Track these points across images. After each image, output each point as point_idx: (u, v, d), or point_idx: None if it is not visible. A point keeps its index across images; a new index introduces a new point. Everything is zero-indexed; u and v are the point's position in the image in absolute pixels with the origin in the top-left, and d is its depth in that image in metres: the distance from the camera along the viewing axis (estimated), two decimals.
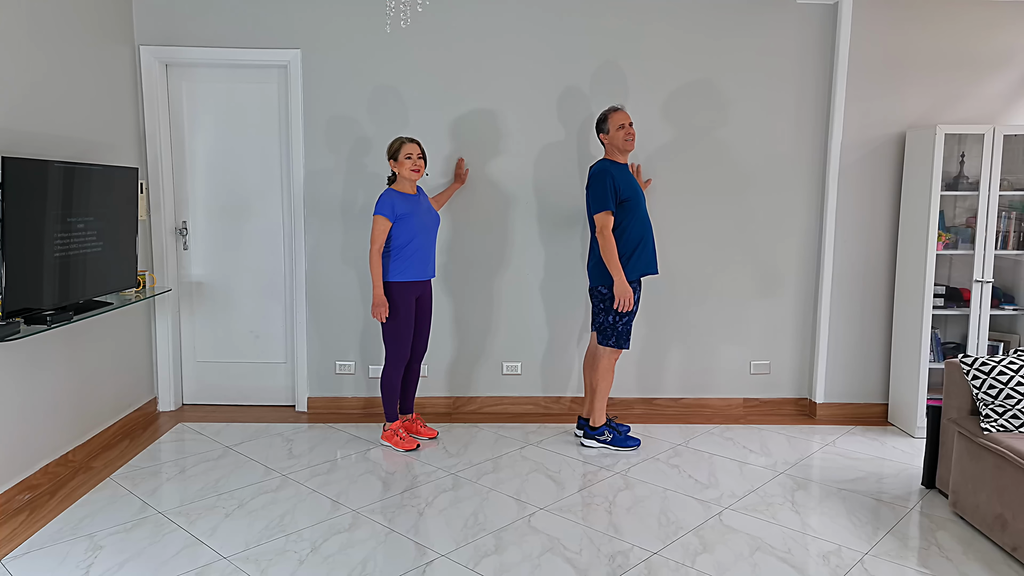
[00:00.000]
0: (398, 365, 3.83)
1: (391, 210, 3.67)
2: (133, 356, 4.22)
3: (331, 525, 3.00)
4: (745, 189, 4.38)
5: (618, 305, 3.67)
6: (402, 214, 3.69)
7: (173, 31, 4.21)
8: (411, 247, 3.72)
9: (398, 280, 3.73)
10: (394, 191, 3.73)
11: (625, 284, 3.65)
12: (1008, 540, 2.78)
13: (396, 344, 3.80)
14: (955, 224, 4.29)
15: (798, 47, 4.30)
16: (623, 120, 3.73)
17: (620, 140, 3.73)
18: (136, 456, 3.76)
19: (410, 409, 4.06)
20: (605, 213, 3.65)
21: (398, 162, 3.72)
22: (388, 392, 3.86)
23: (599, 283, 3.77)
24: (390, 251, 3.73)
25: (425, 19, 4.18)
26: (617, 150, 3.76)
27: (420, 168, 3.73)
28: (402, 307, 3.75)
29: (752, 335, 4.50)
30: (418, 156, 3.73)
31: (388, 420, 3.91)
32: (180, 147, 4.38)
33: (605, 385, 3.85)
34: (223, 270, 4.48)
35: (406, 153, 3.72)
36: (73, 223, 3.31)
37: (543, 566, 2.70)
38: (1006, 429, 2.96)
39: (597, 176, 3.69)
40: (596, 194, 3.66)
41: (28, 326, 3.07)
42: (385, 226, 3.67)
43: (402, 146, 3.72)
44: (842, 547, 2.87)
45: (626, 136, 3.73)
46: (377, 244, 3.67)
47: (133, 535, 2.91)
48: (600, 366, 3.84)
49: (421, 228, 3.75)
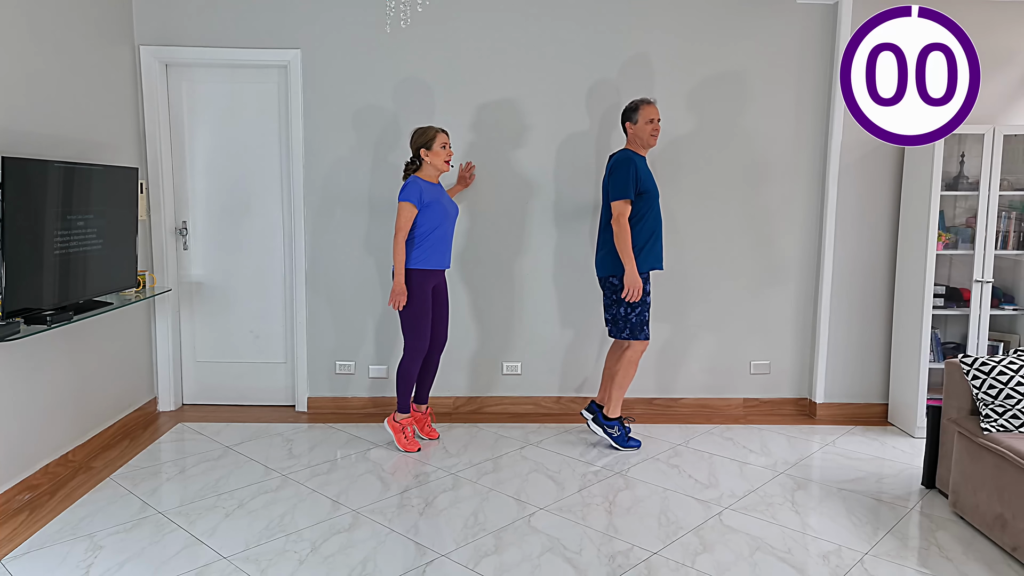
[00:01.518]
0: (416, 357, 3.79)
1: (418, 197, 3.64)
2: (133, 356, 4.22)
3: (331, 525, 3.00)
4: (745, 189, 4.38)
5: (626, 295, 3.66)
6: (429, 202, 3.66)
7: (173, 31, 4.21)
8: (435, 235, 3.70)
9: (419, 267, 3.70)
10: (420, 179, 3.70)
11: (635, 274, 3.64)
12: (1008, 540, 2.78)
13: (415, 334, 3.75)
14: (955, 224, 4.29)
15: (798, 47, 4.30)
16: (653, 115, 3.73)
17: (646, 134, 3.73)
18: (136, 456, 3.76)
19: (425, 399, 4.03)
20: (624, 201, 3.64)
21: (431, 151, 3.69)
22: (404, 383, 3.81)
23: (610, 273, 3.77)
24: (413, 238, 3.69)
25: (426, 19, 4.18)
26: (640, 143, 3.76)
27: (451, 158, 3.75)
28: (421, 296, 3.72)
29: (752, 335, 4.50)
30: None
31: (399, 411, 3.87)
32: (180, 147, 4.38)
33: (625, 376, 3.82)
34: (223, 270, 4.48)
35: (442, 142, 3.70)
36: (73, 220, 3.31)
37: (543, 566, 2.70)
38: (1006, 429, 2.96)
39: (621, 164, 3.68)
40: (619, 181, 3.65)
41: (28, 326, 3.07)
42: (411, 213, 3.64)
43: (437, 135, 3.70)
44: (842, 547, 2.87)
45: (652, 131, 3.74)
46: (403, 232, 3.64)
47: (133, 535, 2.91)
48: (625, 357, 3.81)
49: (444, 217, 3.73)
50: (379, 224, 4.34)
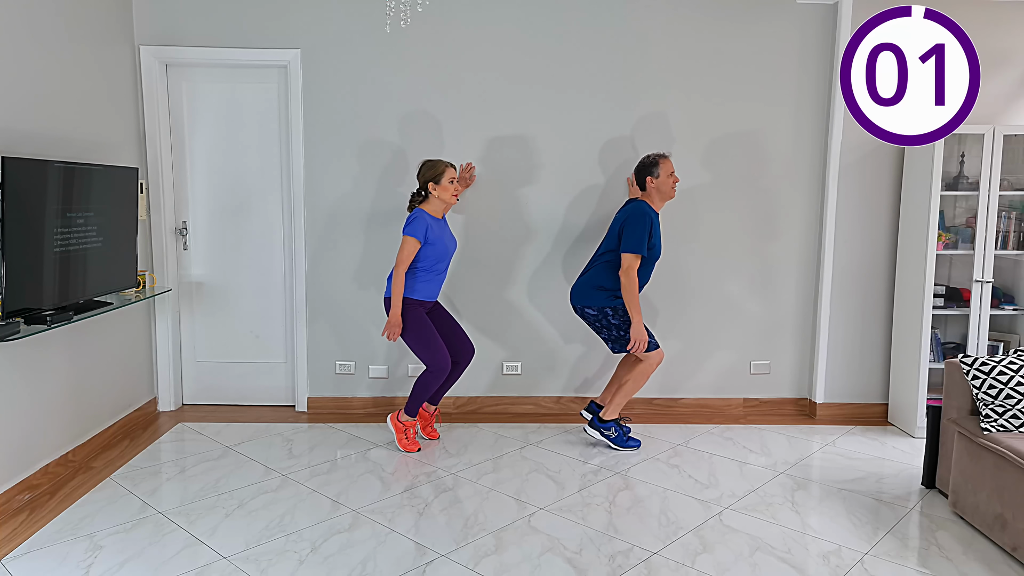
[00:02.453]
0: (440, 373, 3.73)
1: (423, 233, 3.63)
2: (133, 356, 4.22)
3: (331, 525, 3.00)
4: (745, 189, 4.38)
5: (633, 347, 3.69)
6: (433, 239, 3.67)
7: (173, 31, 4.21)
8: (433, 271, 3.72)
9: (412, 297, 3.71)
10: (426, 213, 3.70)
11: (642, 327, 3.69)
12: (1008, 540, 2.78)
13: (430, 351, 3.71)
14: (955, 224, 4.29)
15: (798, 47, 4.30)
16: (671, 169, 3.80)
17: (668, 187, 3.79)
18: (136, 456, 3.76)
19: (437, 400, 4.03)
20: (636, 256, 3.68)
21: (440, 185, 3.68)
22: (420, 392, 3.77)
23: (584, 304, 3.81)
24: (412, 271, 3.70)
25: (425, 20, 4.17)
26: (661, 197, 3.81)
27: (459, 193, 3.75)
28: (415, 316, 3.71)
29: (752, 335, 4.50)
30: (458, 180, 3.74)
31: (406, 412, 3.85)
32: (180, 147, 4.38)
33: (634, 385, 3.83)
34: (223, 270, 4.48)
35: (450, 177, 3.70)
36: (73, 218, 3.31)
37: (543, 566, 2.70)
38: (1006, 429, 2.96)
39: (641, 217, 3.69)
40: (635, 234, 3.67)
41: (28, 326, 3.07)
42: (415, 248, 3.63)
43: (446, 170, 3.69)
44: (842, 547, 2.87)
45: (674, 184, 3.80)
46: (404, 265, 3.62)
47: (133, 535, 2.91)
48: (638, 368, 3.80)
49: (445, 254, 3.75)
50: (379, 224, 4.34)
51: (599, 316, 3.78)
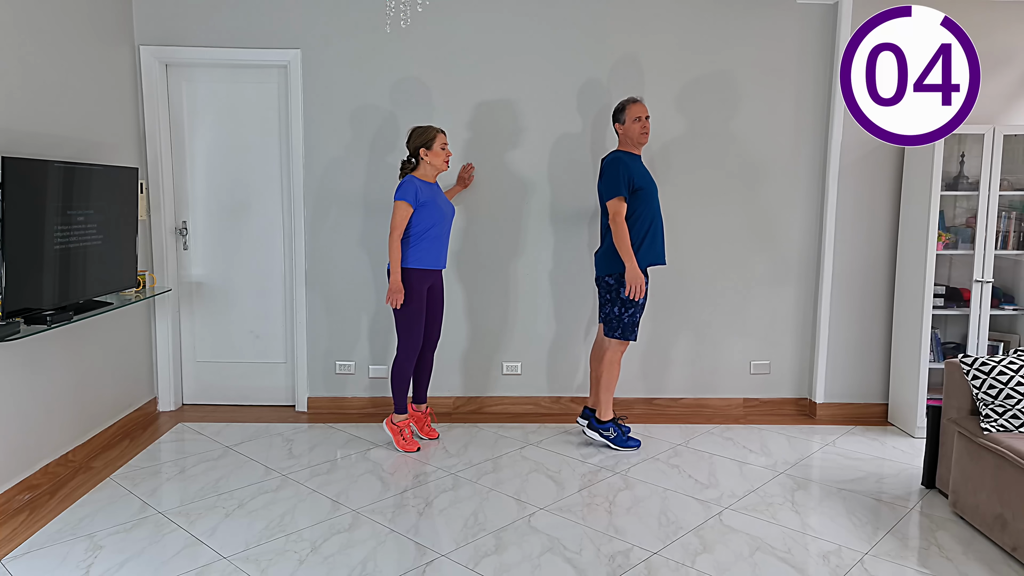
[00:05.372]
0: (411, 355, 3.80)
1: (414, 196, 3.64)
2: (133, 356, 4.22)
3: (331, 525, 3.00)
4: (745, 189, 4.38)
5: (629, 292, 3.65)
6: (424, 201, 3.66)
7: (173, 31, 4.21)
8: (430, 235, 3.71)
9: (415, 267, 3.71)
10: (416, 178, 3.71)
11: (637, 271, 3.64)
12: (1008, 540, 2.78)
13: (409, 333, 3.76)
14: (955, 224, 4.29)
15: (798, 47, 4.30)
16: (640, 113, 3.73)
17: (636, 133, 3.73)
18: (136, 456, 3.76)
19: (423, 398, 4.04)
20: (618, 199, 3.64)
21: (431, 151, 3.70)
22: (399, 382, 3.82)
23: (605, 272, 3.77)
24: (408, 237, 3.70)
25: (425, 20, 4.18)
26: (631, 142, 3.76)
27: (450, 157, 3.76)
28: (416, 296, 3.73)
29: (752, 335, 4.50)
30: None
31: (396, 412, 3.87)
32: (180, 147, 4.38)
33: (610, 377, 3.84)
34: (223, 270, 4.48)
35: (441, 143, 3.72)
36: (73, 217, 3.31)
37: (543, 566, 2.70)
38: (1006, 429, 2.96)
39: (611, 164, 3.70)
40: (609, 181, 3.66)
41: (28, 326, 3.07)
42: (407, 212, 3.64)
43: (437, 135, 3.71)
44: (842, 547, 2.87)
45: (642, 129, 3.73)
46: (398, 231, 3.64)
47: (133, 535, 2.91)
48: (605, 358, 3.83)
49: (440, 216, 3.74)
50: (378, 224, 4.34)
51: (616, 286, 3.74)
